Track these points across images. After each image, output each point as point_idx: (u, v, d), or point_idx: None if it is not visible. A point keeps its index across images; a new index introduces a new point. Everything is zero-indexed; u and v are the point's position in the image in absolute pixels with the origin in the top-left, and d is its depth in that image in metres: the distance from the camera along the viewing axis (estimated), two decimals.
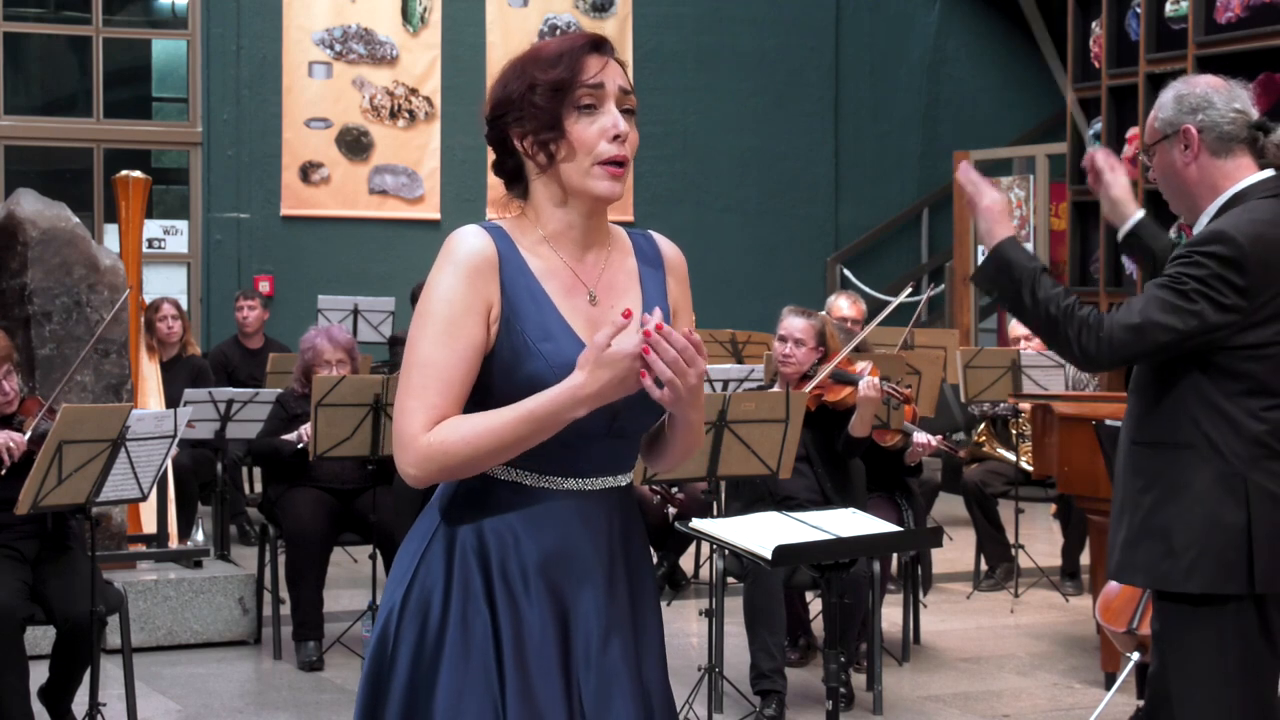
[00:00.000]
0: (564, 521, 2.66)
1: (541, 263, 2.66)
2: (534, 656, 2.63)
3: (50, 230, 7.10)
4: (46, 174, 12.70)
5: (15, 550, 5.52)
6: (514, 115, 2.66)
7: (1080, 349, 3.51)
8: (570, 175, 2.65)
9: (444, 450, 2.56)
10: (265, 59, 12.36)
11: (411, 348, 2.62)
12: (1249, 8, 9.77)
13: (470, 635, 2.62)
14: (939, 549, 7.65)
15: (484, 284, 2.60)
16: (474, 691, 2.61)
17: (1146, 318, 3.46)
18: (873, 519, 4.48)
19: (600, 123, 2.64)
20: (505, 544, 2.65)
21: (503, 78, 2.71)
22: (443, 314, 2.58)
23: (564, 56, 2.65)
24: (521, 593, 2.64)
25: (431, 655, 2.63)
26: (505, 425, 2.55)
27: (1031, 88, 14.11)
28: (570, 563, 2.67)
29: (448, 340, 2.58)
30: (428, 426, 2.57)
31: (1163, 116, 3.64)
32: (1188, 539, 3.48)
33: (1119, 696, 5.60)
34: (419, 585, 2.66)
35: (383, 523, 6.74)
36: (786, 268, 13.41)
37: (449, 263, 2.61)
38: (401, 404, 2.61)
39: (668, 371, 2.50)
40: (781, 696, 5.89)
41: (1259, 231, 3.46)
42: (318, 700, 6.38)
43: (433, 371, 2.58)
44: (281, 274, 12.34)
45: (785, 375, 6.34)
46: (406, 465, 2.60)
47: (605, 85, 2.65)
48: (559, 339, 2.61)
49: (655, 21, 13.19)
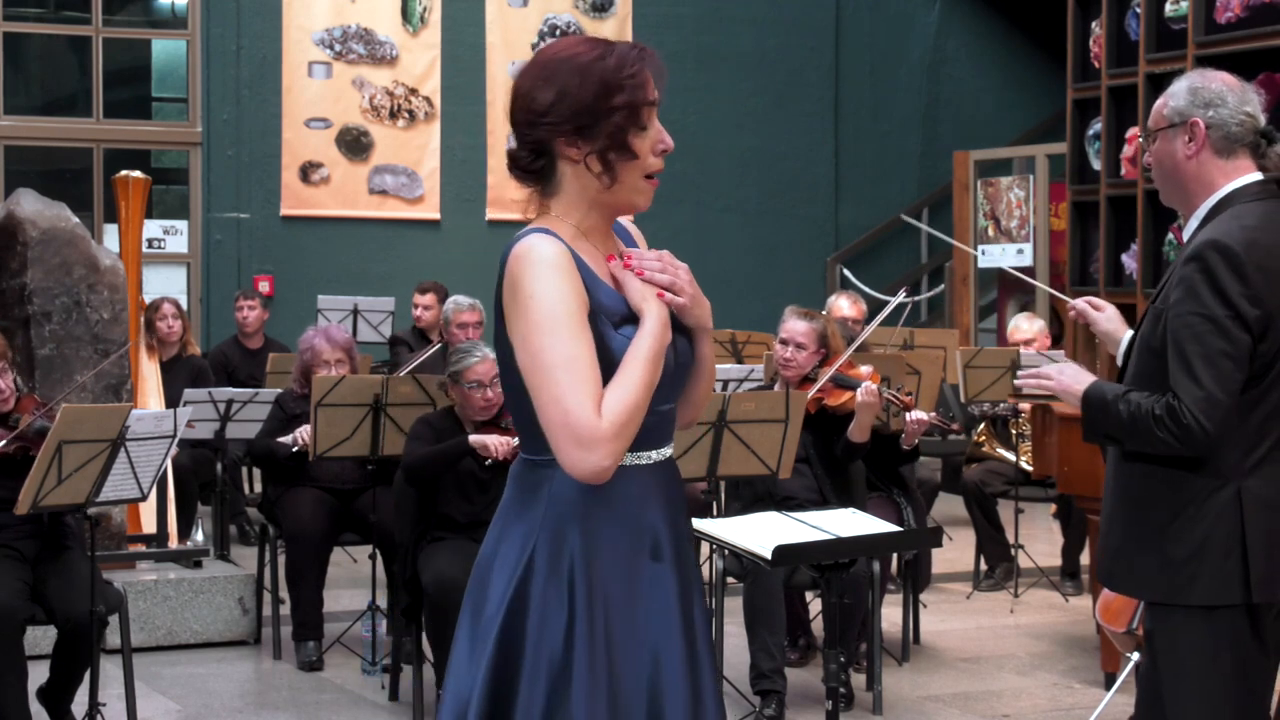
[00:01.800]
0: (649, 492, 2.79)
1: (586, 256, 2.76)
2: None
3: (50, 230, 7.10)
4: (46, 174, 12.70)
5: (15, 550, 5.52)
6: (570, 126, 2.70)
7: (1185, 445, 3.42)
8: (623, 188, 2.76)
9: (620, 422, 2.64)
10: (265, 59, 12.36)
11: (545, 351, 2.64)
12: (1249, 8, 9.77)
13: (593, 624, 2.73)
14: (939, 549, 7.64)
15: (578, 280, 2.70)
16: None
17: (1210, 370, 3.39)
18: (873, 519, 4.48)
19: (651, 136, 2.75)
20: (597, 530, 2.75)
21: (547, 83, 2.71)
22: (564, 313, 2.66)
23: (631, 75, 2.71)
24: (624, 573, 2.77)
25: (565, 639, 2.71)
26: (645, 372, 2.67)
27: (1031, 88, 14.11)
28: (652, 535, 2.79)
29: (580, 333, 2.66)
30: (599, 412, 2.63)
31: (1173, 105, 3.61)
32: (1184, 550, 3.47)
33: (1119, 696, 5.60)
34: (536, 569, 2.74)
35: (383, 523, 6.73)
36: (786, 268, 13.41)
37: (545, 268, 2.67)
38: (564, 406, 2.62)
39: (665, 276, 2.76)
40: (781, 696, 5.89)
41: (1251, 238, 3.45)
42: (318, 700, 6.38)
43: (582, 364, 2.64)
44: (281, 274, 12.34)
45: (786, 379, 6.34)
46: (597, 459, 2.63)
47: (657, 101, 2.75)
48: (630, 320, 2.74)
49: (655, 21, 13.19)
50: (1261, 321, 3.42)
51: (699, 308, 2.82)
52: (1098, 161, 10.82)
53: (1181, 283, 3.46)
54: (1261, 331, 3.43)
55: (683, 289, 2.78)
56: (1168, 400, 3.43)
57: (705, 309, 2.84)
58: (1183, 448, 3.43)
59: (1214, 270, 3.41)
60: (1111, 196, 10.61)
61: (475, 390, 6.06)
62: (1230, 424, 3.42)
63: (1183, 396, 3.40)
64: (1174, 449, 3.45)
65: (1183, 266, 3.48)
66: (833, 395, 6.29)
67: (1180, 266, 3.49)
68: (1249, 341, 3.41)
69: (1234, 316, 3.40)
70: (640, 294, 2.75)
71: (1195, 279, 3.43)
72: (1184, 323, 3.43)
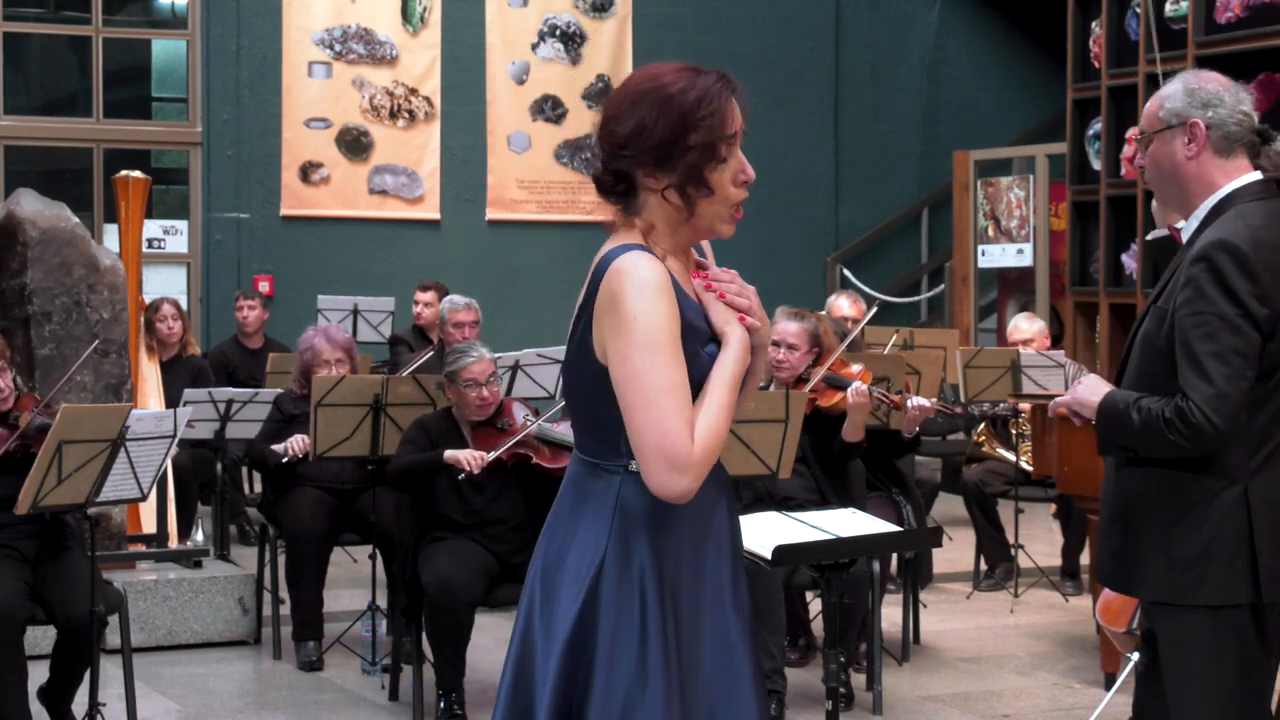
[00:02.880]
0: (710, 492, 2.84)
1: (676, 274, 2.81)
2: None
3: (50, 230, 7.10)
4: (46, 174, 12.70)
5: (15, 550, 5.52)
6: (649, 159, 2.75)
7: (1194, 446, 3.41)
8: (704, 218, 2.81)
9: (708, 449, 2.72)
10: (265, 59, 12.36)
11: (647, 374, 2.70)
12: (1249, 8, 9.77)
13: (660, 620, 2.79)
14: (939, 549, 7.64)
15: (675, 304, 2.75)
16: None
17: (1220, 370, 3.38)
18: (873, 519, 4.49)
19: (733, 168, 2.79)
20: (666, 535, 2.81)
21: (629, 113, 2.76)
22: (666, 338, 2.71)
23: (710, 113, 2.74)
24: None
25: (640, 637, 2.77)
26: (728, 398, 2.76)
27: (1031, 88, 14.11)
28: (716, 533, 2.88)
29: (678, 358, 2.72)
30: (693, 438, 2.71)
31: (1169, 106, 3.60)
32: (1190, 551, 3.47)
33: (1119, 696, 5.60)
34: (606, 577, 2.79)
35: (383, 523, 6.73)
36: (786, 268, 13.40)
37: (649, 289, 2.72)
38: (663, 429, 2.69)
39: (743, 300, 2.85)
40: (781, 696, 5.89)
41: (1257, 238, 3.45)
42: (318, 700, 6.38)
43: (682, 391, 2.71)
44: (281, 274, 12.33)
45: (779, 380, 6.35)
46: (688, 483, 2.71)
47: (739, 133, 2.79)
48: (712, 340, 2.82)
49: (655, 21, 13.18)
50: (1270, 321, 3.42)
51: (766, 328, 2.93)
52: (1098, 161, 10.82)
53: (1189, 283, 3.45)
54: (1270, 330, 3.43)
55: (755, 312, 2.87)
56: (1176, 403, 3.41)
57: (769, 329, 2.99)
58: (1194, 448, 3.42)
59: (1222, 270, 3.41)
60: (1111, 196, 10.61)
61: (471, 389, 6.06)
62: (1240, 422, 3.41)
63: (1192, 395, 3.39)
64: (1185, 450, 3.43)
65: (1189, 267, 3.47)
66: (825, 395, 6.29)
67: (1187, 267, 3.48)
68: (1259, 340, 3.41)
69: (1244, 315, 3.39)
70: (723, 317, 2.83)
71: (1203, 279, 3.43)
72: (1194, 321, 3.42)
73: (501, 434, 6.08)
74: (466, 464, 5.91)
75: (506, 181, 12.87)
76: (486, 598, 5.90)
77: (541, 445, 6.08)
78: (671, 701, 2.75)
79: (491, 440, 6.07)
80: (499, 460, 6.01)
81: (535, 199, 12.88)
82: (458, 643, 5.83)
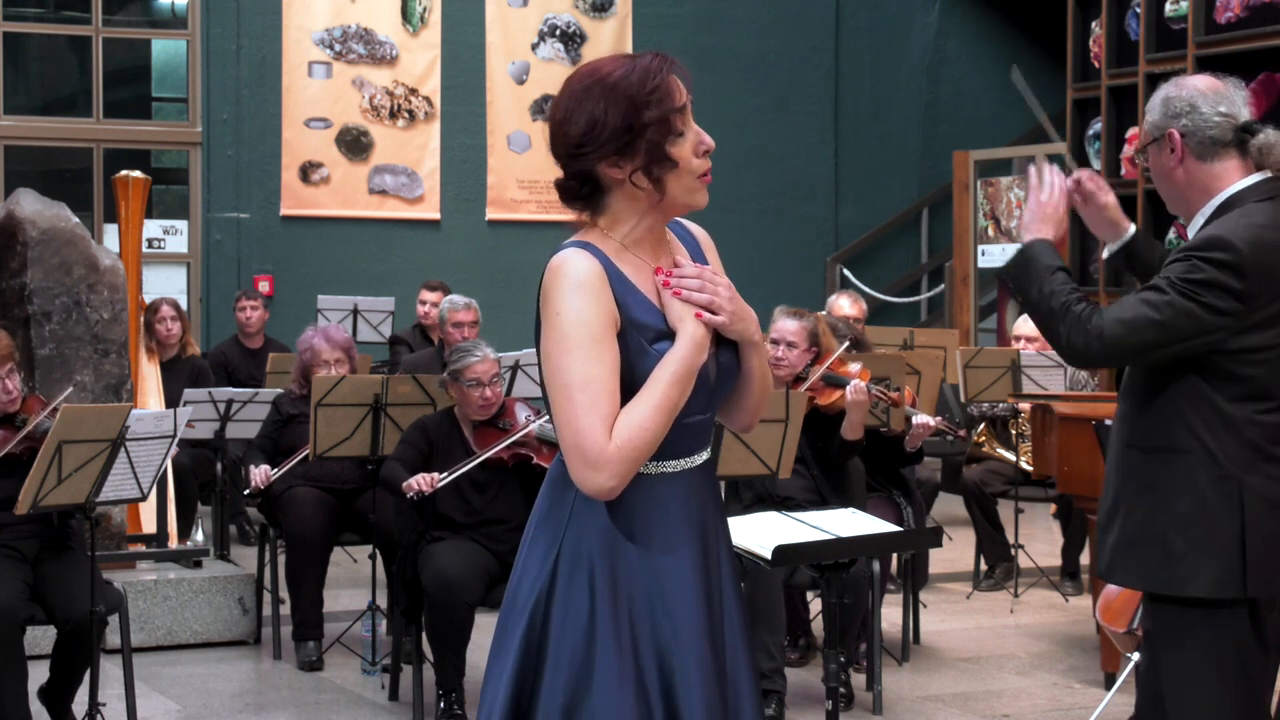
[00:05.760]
0: (673, 496, 2.82)
1: (630, 269, 2.80)
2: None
3: (50, 230, 7.10)
4: (46, 174, 12.70)
5: (15, 550, 5.52)
6: (609, 149, 2.74)
7: (1068, 343, 3.53)
8: (675, 194, 2.80)
9: (630, 445, 2.69)
10: (265, 59, 12.35)
11: (563, 371, 2.70)
12: (1249, 8, 9.77)
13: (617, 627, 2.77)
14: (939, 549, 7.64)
15: (607, 300, 2.74)
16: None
17: (1138, 315, 3.47)
18: (873, 519, 4.48)
19: (690, 140, 2.79)
20: (621, 541, 2.78)
21: (577, 111, 2.75)
22: (585, 334, 2.71)
23: (655, 88, 2.74)
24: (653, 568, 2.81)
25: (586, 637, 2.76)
26: (664, 396, 2.72)
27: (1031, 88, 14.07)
28: (674, 535, 2.83)
29: (599, 356, 2.70)
30: (609, 435, 2.69)
31: (1150, 120, 3.67)
32: (1184, 544, 3.48)
33: (1119, 696, 5.60)
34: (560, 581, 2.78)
35: (383, 523, 6.73)
36: (786, 268, 13.40)
37: (572, 287, 2.72)
38: (575, 426, 2.69)
39: (703, 295, 2.79)
40: (781, 696, 5.89)
41: (1257, 236, 3.46)
42: (317, 700, 6.38)
43: (597, 386, 2.69)
44: (281, 274, 12.33)
45: (778, 378, 6.34)
46: (603, 480, 2.69)
47: (687, 104, 2.78)
48: (666, 336, 2.79)
49: (655, 21, 13.18)
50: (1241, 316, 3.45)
51: (741, 322, 2.84)
52: (1098, 161, 10.82)
53: (1176, 258, 3.52)
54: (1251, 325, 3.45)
55: (721, 307, 2.80)
56: (1092, 309, 3.51)
57: (749, 323, 2.86)
58: (1063, 347, 3.54)
59: (1212, 258, 3.45)
60: None
61: (474, 389, 6.06)
62: (1111, 364, 3.57)
63: (1107, 313, 3.50)
64: (1054, 344, 3.57)
65: (1183, 249, 3.52)
66: (824, 395, 6.29)
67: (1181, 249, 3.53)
68: (1207, 326, 3.44)
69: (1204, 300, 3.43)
70: (677, 314, 2.79)
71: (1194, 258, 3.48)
72: (1167, 275, 3.48)
73: (503, 434, 6.08)
74: (415, 486, 5.88)
75: (506, 181, 12.87)
76: (486, 597, 5.90)
77: (542, 445, 6.08)
78: (625, 695, 2.73)
79: (493, 440, 6.07)
80: (500, 460, 6.01)
81: (535, 199, 12.88)
82: (458, 643, 5.83)
